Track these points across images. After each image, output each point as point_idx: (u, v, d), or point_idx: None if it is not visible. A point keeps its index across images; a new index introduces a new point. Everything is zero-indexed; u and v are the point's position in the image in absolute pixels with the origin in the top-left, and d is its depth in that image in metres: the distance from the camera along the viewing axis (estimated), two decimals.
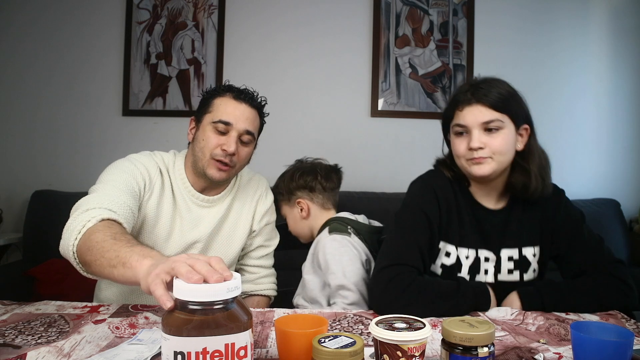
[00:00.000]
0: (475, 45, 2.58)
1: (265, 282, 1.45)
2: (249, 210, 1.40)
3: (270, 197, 1.46)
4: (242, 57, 2.56)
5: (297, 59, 2.57)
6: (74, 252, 0.98)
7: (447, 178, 1.22)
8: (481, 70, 2.55)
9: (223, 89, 1.30)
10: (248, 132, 1.27)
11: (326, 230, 1.36)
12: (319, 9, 2.57)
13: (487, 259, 1.20)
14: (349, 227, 1.37)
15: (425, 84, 2.58)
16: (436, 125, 2.71)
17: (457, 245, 1.19)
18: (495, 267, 1.20)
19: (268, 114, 1.37)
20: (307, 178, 1.47)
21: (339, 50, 2.57)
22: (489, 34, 2.59)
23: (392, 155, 2.58)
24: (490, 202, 1.22)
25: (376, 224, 1.47)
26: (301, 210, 1.46)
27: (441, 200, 1.19)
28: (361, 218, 1.45)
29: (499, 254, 1.20)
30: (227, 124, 1.24)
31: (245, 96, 1.28)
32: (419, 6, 2.58)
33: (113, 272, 0.87)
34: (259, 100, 1.33)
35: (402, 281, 1.06)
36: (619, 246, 2.35)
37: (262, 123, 1.36)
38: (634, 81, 2.63)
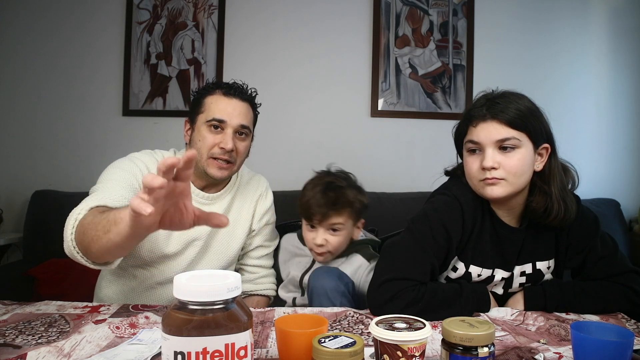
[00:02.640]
0: (475, 45, 2.58)
1: (265, 282, 1.45)
2: (248, 209, 1.40)
3: (270, 197, 1.46)
4: (242, 57, 2.56)
5: (297, 59, 2.57)
6: (74, 247, 0.98)
7: (474, 194, 1.12)
8: (481, 70, 2.57)
9: (212, 87, 1.30)
10: (243, 127, 1.27)
11: (364, 259, 1.32)
12: (318, 9, 2.57)
13: (502, 278, 1.17)
14: (369, 245, 1.34)
15: (425, 84, 2.58)
16: (436, 125, 2.71)
17: (470, 263, 1.15)
18: (507, 282, 1.18)
19: (260, 104, 1.36)
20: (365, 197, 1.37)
21: (339, 50, 2.57)
22: (489, 34, 2.59)
23: (392, 155, 2.58)
24: (512, 220, 1.15)
25: (370, 235, 1.44)
26: (357, 230, 1.34)
27: (467, 219, 1.11)
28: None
29: (513, 270, 1.17)
30: (221, 121, 1.24)
31: (235, 91, 1.28)
32: (418, 6, 2.58)
33: (109, 237, 0.87)
34: (249, 92, 1.32)
35: (405, 297, 1.02)
36: (619, 246, 2.34)
37: (255, 114, 1.35)
38: (634, 81, 2.63)
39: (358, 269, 1.29)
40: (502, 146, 1.05)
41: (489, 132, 1.05)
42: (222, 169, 1.25)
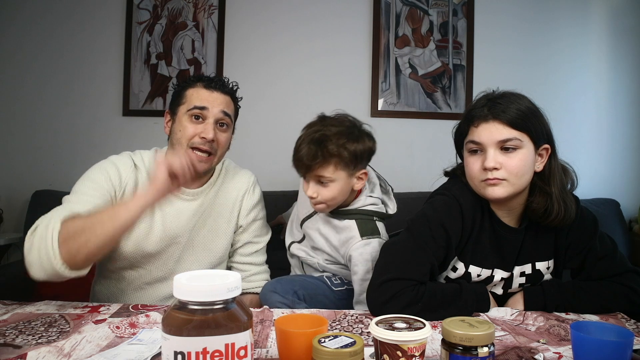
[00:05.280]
0: (475, 46, 2.58)
1: (257, 280, 1.41)
2: (234, 204, 1.38)
3: (258, 192, 1.43)
4: (242, 57, 2.56)
5: (297, 59, 2.57)
6: (55, 257, 0.99)
7: (473, 194, 1.12)
8: (481, 70, 2.57)
9: (193, 80, 1.30)
10: (225, 114, 1.26)
11: (357, 232, 1.23)
12: (318, 9, 2.57)
13: (502, 279, 1.17)
14: (374, 218, 1.26)
15: (425, 84, 2.58)
16: (436, 125, 2.70)
17: (470, 263, 1.15)
18: (506, 282, 1.18)
19: (242, 98, 1.36)
20: (370, 143, 1.25)
21: (339, 51, 2.57)
22: (489, 34, 2.59)
23: (391, 155, 2.58)
24: (512, 221, 1.15)
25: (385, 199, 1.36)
26: (358, 180, 1.25)
27: (466, 219, 1.11)
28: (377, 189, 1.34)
29: (512, 271, 1.17)
30: (202, 108, 1.24)
31: (216, 84, 1.28)
32: (418, 6, 2.58)
33: (118, 221, 1.00)
34: (231, 85, 1.33)
35: (405, 297, 1.02)
36: (618, 246, 2.34)
37: (237, 108, 1.35)
38: (633, 81, 2.63)
39: (348, 241, 1.23)
40: (504, 147, 1.04)
41: (490, 132, 1.05)
42: (201, 162, 1.24)
